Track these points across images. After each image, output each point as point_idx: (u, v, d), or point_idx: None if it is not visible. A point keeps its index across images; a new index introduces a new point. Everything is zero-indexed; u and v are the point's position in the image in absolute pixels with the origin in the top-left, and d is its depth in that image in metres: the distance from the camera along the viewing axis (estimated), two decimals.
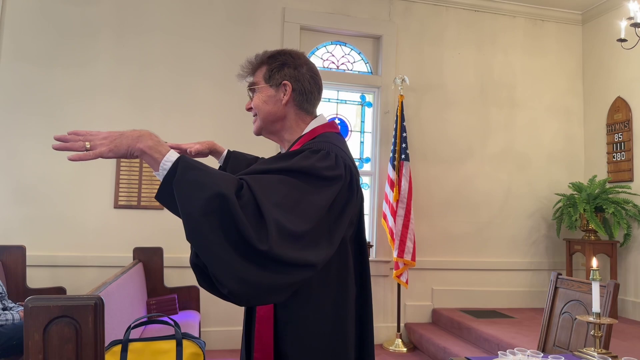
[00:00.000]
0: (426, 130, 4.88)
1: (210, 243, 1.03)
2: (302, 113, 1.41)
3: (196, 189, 1.04)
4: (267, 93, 1.39)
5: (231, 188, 1.05)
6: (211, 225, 1.02)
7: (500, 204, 5.04)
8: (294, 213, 1.09)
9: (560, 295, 2.44)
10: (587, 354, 1.80)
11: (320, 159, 1.20)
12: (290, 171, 1.16)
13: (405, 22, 4.91)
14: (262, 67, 1.41)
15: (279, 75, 1.38)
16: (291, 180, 1.14)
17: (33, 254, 3.79)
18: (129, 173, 4.16)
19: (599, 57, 5.12)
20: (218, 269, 1.03)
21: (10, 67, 4.01)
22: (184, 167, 1.07)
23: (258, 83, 1.41)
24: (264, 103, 1.39)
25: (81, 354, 1.23)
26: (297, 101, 1.39)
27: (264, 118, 1.41)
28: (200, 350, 2.39)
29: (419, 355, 4.27)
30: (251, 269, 1.03)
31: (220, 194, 1.03)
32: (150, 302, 3.69)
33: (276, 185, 1.11)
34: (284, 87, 1.38)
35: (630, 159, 4.65)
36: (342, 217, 1.20)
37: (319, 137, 1.33)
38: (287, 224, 1.06)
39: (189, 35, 4.37)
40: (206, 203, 1.02)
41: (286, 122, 1.41)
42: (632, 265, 4.55)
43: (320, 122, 1.41)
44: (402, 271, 4.35)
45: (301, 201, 1.12)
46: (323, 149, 1.23)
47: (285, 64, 1.39)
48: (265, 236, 1.03)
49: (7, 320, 2.89)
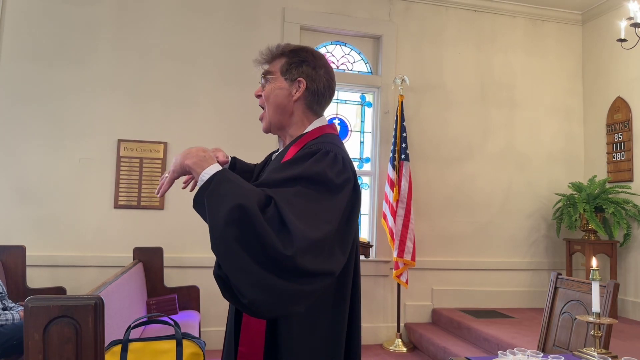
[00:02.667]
0: (426, 130, 4.88)
1: (232, 252, 1.05)
2: (310, 113, 1.41)
3: (222, 200, 1.08)
4: (280, 85, 1.39)
5: (254, 200, 1.08)
6: (234, 234, 1.05)
7: (500, 203, 5.04)
8: (314, 223, 1.11)
9: (560, 295, 2.44)
10: (587, 354, 1.80)
11: (330, 163, 1.21)
12: (304, 179, 1.17)
13: (405, 22, 4.91)
14: (282, 58, 1.40)
15: (296, 71, 1.38)
16: (307, 192, 1.16)
17: (33, 254, 3.79)
18: (129, 173, 4.16)
19: (599, 57, 5.12)
20: (239, 278, 1.05)
21: (10, 66, 4.01)
22: (218, 181, 1.13)
23: (274, 73, 1.40)
24: (274, 94, 1.39)
25: (81, 354, 1.23)
26: (308, 100, 1.39)
27: (274, 110, 1.40)
28: (200, 350, 2.39)
29: (418, 355, 4.27)
30: (273, 279, 1.05)
31: (241, 205, 1.05)
32: (150, 302, 3.69)
33: (294, 198, 1.13)
34: (298, 83, 1.38)
35: (630, 159, 4.65)
36: (352, 221, 1.22)
37: (322, 137, 1.34)
38: (309, 234, 1.08)
39: (189, 35, 4.37)
40: (229, 213, 1.05)
41: (293, 118, 1.40)
42: (632, 265, 4.55)
43: (322, 123, 1.42)
44: (402, 271, 4.35)
45: (319, 211, 1.14)
46: (331, 151, 1.24)
47: (305, 61, 1.39)
48: (290, 243, 1.06)
49: (7, 320, 2.89)
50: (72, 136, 4.09)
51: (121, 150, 4.16)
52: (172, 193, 4.25)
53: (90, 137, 4.12)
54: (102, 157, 4.14)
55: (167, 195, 4.23)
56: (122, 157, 4.16)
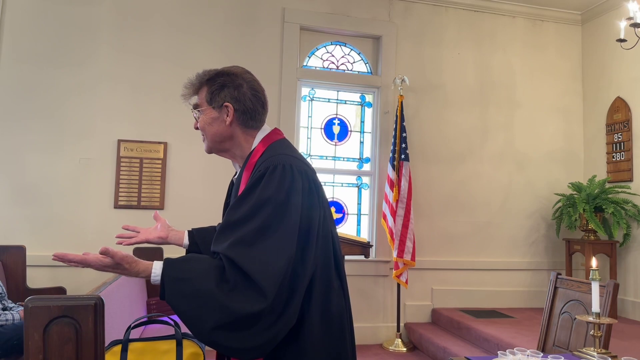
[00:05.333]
0: (426, 131, 4.89)
1: (227, 348, 1.17)
2: (249, 130, 1.43)
3: (192, 304, 1.16)
4: (210, 115, 1.42)
5: (213, 281, 1.16)
6: (221, 335, 1.16)
7: (499, 203, 5.04)
8: (275, 260, 1.19)
9: (559, 295, 2.44)
10: (586, 354, 1.80)
11: (279, 180, 1.25)
12: (257, 210, 1.22)
13: (405, 22, 4.92)
14: (204, 87, 1.43)
15: (219, 97, 1.40)
16: (262, 226, 1.21)
17: (33, 254, 3.79)
18: (129, 173, 4.16)
19: (598, 57, 5.12)
20: (238, 349, 1.17)
21: (10, 66, 4.00)
22: (169, 287, 1.19)
23: (201, 105, 1.44)
24: (209, 125, 1.42)
25: (81, 354, 1.23)
26: (241, 120, 1.41)
27: (212, 139, 1.44)
28: (200, 350, 2.39)
29: (418, 355, 4.27)
30: (273, 331, 1.18)
31: (220, 314, 1.15)
32: (150, 302, 3.69)
33: (251, 242, 1.20)
34: (225, 108, 1.40)
35: (629, 159, 4.65)
36: (311, 230, 1.27)
37: (269, 150, 1.37)
38: (273, 272, 1.17)
39: (189, 35, 4.37)
40: (214, 326, 1.15)
41: (235, 140, 1.44)
42: (632, 265, 4.55)
43: (264, 133, 1.44)
44: (401, 271, 4.35)
45: (276, 244, 1.20)
46: (278, 164, 1.28)
47: (224, 86, 1.40)
48: (262, 296, 1.15)
49: (7, 321, 2.89)
50: (72, 136, 4.09)
51: (121, 150, 4.16)
52: (172, 193, 4.25)
53: (90, 137, 4.12)
54: (102, 157, 4.14)
55: (167, 195, 4.24)
56: (122, 157, 4.16)
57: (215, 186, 4.18)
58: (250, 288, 1.15)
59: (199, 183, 4.30)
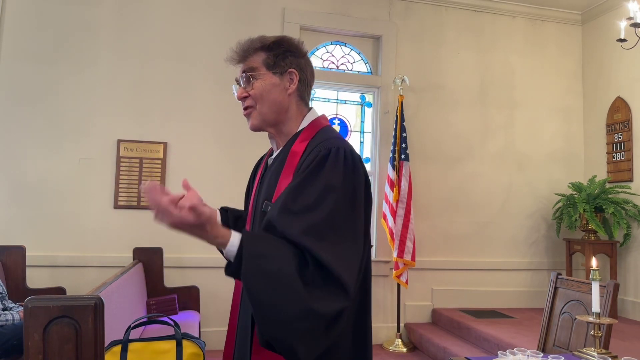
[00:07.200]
0: (426, 131, 4.88)
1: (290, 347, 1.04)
2: (302, 105, 1.34)
3: (273, 285, 1.04)
4: (270, 81, 1.28)
5: (294, 265, 1.05)
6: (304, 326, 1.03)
7: (500, 204, 5.04)
8: (349, 255, 1.11)
9: (560, 295, 2.44)
10: (587, 354, 1.80)
11: (346, 166, 1.17)
12: (327, 193, 1.12)
13: (405, 22, 4.91)
14: (261, 53, 1.29)
15: (284, 63, 1.28)
16: (334, 215, 1.11)
17: (33, 254, 3.79)
18: (129, 173, 4.16)
19: (598, 57, 5.12)
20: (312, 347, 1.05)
21: (10, 66, 4.00)
22: (248, 262, 1.06)
23: (259, 69, 1.28)
24: (268, 92, 1.28)
25: (81, 354, 1.22)
26: (300, 92, 1.32)
27: (270, 108, 1.28)
28: (200, 351, 2.38)
29: (418, 355, 4.27)
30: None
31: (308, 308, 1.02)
32: (150, 302, 3.69)
33: (325, 233, 1.09)
34: (289, 75, 1.29)
35: (630, 159, 4.65)
36: (367, 224, 1.21)
37: (321, 133, 1.28)
38: (349, 266, 1.09)
39: (189, 35, 4.37)
40: (298, 314, 1.03)
41: (288, 114, 1.31)
42: (632, 265, 4.55)
43: (314, 116, 1.34)
44: (402, 271, 4.35)
45: (348, 237, 1.12)
46: (339, 147, 1.20)
47: (288, 51, 1.30)
48: (343, 293, 1.05)
49: (7, 321, 2.89)
50: (72, 136, 4.09)
51: (121, 150, 4.15)
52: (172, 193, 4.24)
53: (90, 137, 4.12)
54: (102, 157, 4.14)
55: None
56: (122, 157, 4.16)
57: (215, 186, 4.18)
58: (331, 283, 1.05)
59: (199, 183, 4.27)
